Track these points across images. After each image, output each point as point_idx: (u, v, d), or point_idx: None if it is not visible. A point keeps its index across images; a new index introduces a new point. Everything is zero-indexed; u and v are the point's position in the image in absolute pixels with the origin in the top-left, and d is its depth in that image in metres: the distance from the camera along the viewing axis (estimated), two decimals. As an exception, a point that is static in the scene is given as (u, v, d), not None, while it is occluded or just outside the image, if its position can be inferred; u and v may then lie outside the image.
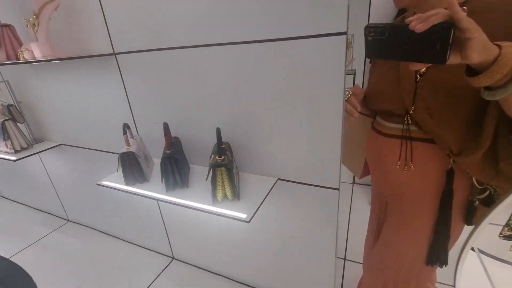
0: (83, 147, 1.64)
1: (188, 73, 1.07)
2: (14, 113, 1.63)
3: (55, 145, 1.71)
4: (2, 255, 1.88)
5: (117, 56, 1.21)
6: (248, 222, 0.85)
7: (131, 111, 1.32)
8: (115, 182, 1.17)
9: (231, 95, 1.01)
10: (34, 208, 2.42)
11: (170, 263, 1.70)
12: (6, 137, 1.56)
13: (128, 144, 1.11)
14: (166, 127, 1.04)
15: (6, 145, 1.60)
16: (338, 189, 0.95)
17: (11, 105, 1.62)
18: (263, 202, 0.95)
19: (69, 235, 2.04)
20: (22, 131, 1.63)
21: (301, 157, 0.99)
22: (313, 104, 0.88)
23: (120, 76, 1.25)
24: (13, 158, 1.53)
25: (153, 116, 1.26)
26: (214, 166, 0.89)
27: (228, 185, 0.93)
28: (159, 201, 1.46)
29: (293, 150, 0.99)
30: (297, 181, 1.04)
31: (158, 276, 1.61)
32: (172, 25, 1.01)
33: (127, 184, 1.12)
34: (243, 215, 0.87)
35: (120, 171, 1.14)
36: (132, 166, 1.10)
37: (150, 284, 1.55)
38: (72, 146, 1.69)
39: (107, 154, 1.55)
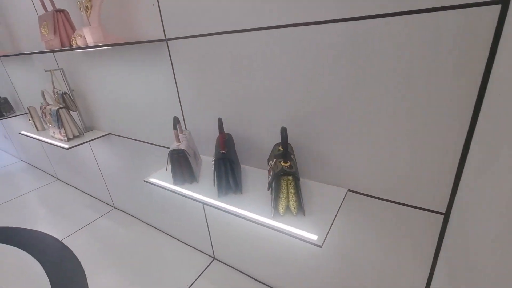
0: (130, 137, 1.61)
1: (247, 61, 0.91)
2: (67, 101, 1.64)
3: (103, 134, 1.71)
4: (56, 237, 1.98)
5: (168, 42, 1.10)
6: (321, 246, 0.69)
7: (180, 102, 1.22)
8: (163, 180, 1.09)
9: (300, 88, 0.84)
10: (84, 192, 2.53)
11: (211, 263, 1.62)
12: (60, 125, 1.58)
13: (178, 140, 1.00)
14: (220, 123, 0.91)
15: (60, 133, 1.62)
16: (443, 214, 0.74)
17: (65, 93, 1.64)
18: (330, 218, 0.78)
19: (115, 222, 2.08)
20: (74, 119, 1.64)
21: (386, 166, 0.79)
22: (423, 100, 0.67)
23: (170, 64, 1.15)
24: (66, 146, 1.55)
25: (203, 109, 1.14)
26: (280, 175, 0.74)
27: (294, 197, 0.77)
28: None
29: (377, 156, 0.79)
30: (376, 196, 0.85)
31: (199, 276, 1.54)
32: (230, 4, 0.86)
33: (175, 183, 1.03)
34: (313, 237, 0.71)
35: (169, 168, 1.04)
36: (181, 164, 1.00)
37: (191, 285, 1.49)
38: (119, 136, 1.68)
39: (154, 147, 1.49)
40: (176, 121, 1.01)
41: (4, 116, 2.43)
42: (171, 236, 1.86)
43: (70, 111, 1.64)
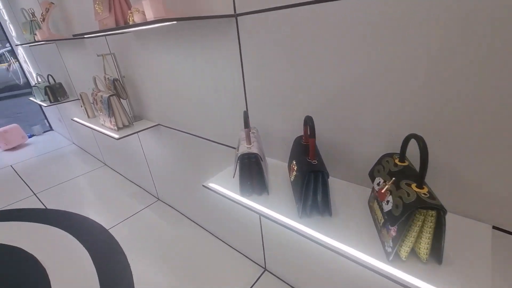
0: (181, 130, 1.47)
1: (351, 42, 0.67)
2: (118, 88, 1.55)
3: (152, 125, 1.60)
4: (103, 225, 1.97)
5: (238, 18, 0.89)
6: (487, 326, 0.44)
7: (245, 93, 1.02)
8: (225, 186, 0.91)
9: (439, 82, 0.58)
10: (129, 180, 2.52)
11: (262, 274, 1.45)
12: (111, 113, 1.49)
13: (249, 141, 0.80)
14: (311, 124, 0.68)
15: (111, 122, 1.54)
16: None
17: (116, 79, 1.54)
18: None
19: (160, 216, 2.01)
20: (124, 108, 1.54)
21: None
22: None
23: (237, 46, 0.94)
24: (116, 136, 1.46)
25: (275, 102, 0.93)
26: (417, 207, 0.50)
27: (429, 239, 0.53)
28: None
29: None
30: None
31: (250, 289, 1.38)
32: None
33: (242, 194, 0.84)
34: (470, 307, 0.47)
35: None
36: (252, 172, 0.80)
37: (242, 298, 1.34)
38: (169, 128, 1.55)
39: (210, 143, 1.33)
40: (246, 117, 0.81)
41: (59, 101, 2.47)
42: (219, 238, 1.72)
43: (121, 99, 1.54)
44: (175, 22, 0.77)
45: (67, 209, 2.20)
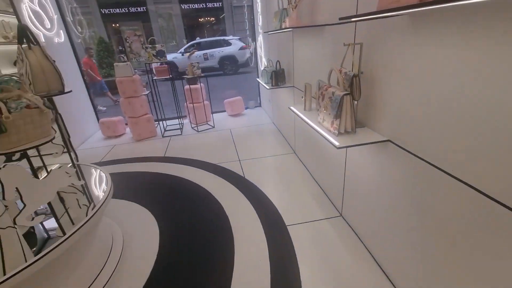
0: (428, 161, 0.99)
1: None
2: (354, 86, 1.27)
3: (381, 140, 1.22)
4: (283, 218, 1.92)
5: None
6: None
7: None
8: None
9: None
10: (314, 180, 2.38)
11: None
12: (338, 114, 1.25)
13: None
14: None
15: (332, 123, 1.31)
16: None
17: (356, 75, 1.26)
18: None
19: (339, 235, 1.70)
20: (354, 111, 1.26)
21: None
22: None
23: None
24: (336, 143, 1.22)
25: None
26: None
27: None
28: None
29: None
30: None
31: None
32: None
33: None
34: None
35: None
36: None
37: None
38: (408, 152, 1.10)
39: (493, 204, 0.77)
40: None
41: (278, 86, 2.67)
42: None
43: (353, 100, 1.27)
44: None
45: (257, 184, 2.40)
